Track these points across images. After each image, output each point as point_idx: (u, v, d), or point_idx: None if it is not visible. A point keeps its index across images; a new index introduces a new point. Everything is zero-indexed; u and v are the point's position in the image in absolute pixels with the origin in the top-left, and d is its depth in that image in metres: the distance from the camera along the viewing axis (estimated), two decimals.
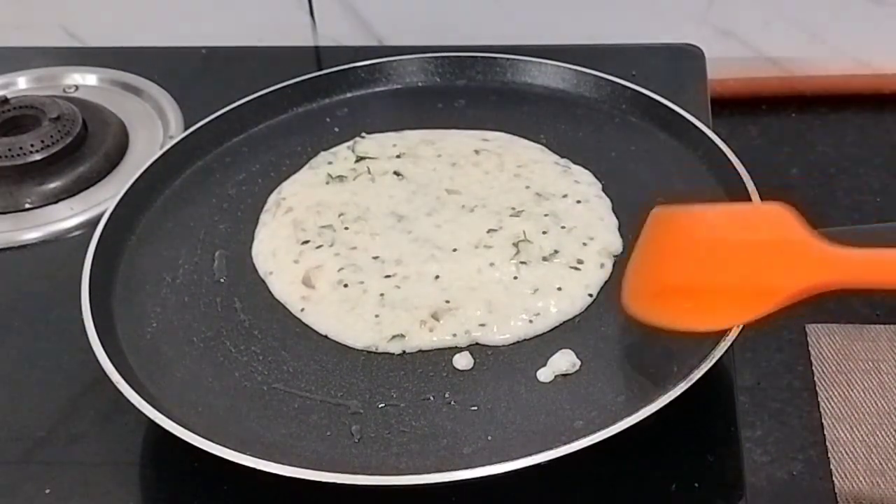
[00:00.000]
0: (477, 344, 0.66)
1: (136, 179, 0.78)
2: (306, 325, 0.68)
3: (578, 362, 0.64)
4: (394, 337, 0.66)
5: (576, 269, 0.69)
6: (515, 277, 0.69)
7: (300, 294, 0.70)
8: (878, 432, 0.67)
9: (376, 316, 0.67)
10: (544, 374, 0.63)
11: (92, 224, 0.76)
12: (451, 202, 0.76)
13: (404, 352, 0.66)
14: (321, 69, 0.91)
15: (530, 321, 0.66)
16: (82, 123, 0.88)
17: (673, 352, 0.63)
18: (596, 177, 0.78)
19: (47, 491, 0.62)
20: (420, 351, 0.66)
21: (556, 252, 0.70)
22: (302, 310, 0.69)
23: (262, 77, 0.89)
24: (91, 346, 0.63)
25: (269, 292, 0.71)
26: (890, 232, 0.64)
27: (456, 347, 0.66)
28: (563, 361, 0.64)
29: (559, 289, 0.68)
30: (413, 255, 0.71)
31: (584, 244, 0.71)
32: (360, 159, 0.81)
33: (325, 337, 0.67)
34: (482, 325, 0.66)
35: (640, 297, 0.61)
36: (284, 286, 0.71)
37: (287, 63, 0.96)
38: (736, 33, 0.98)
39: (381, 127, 0.85)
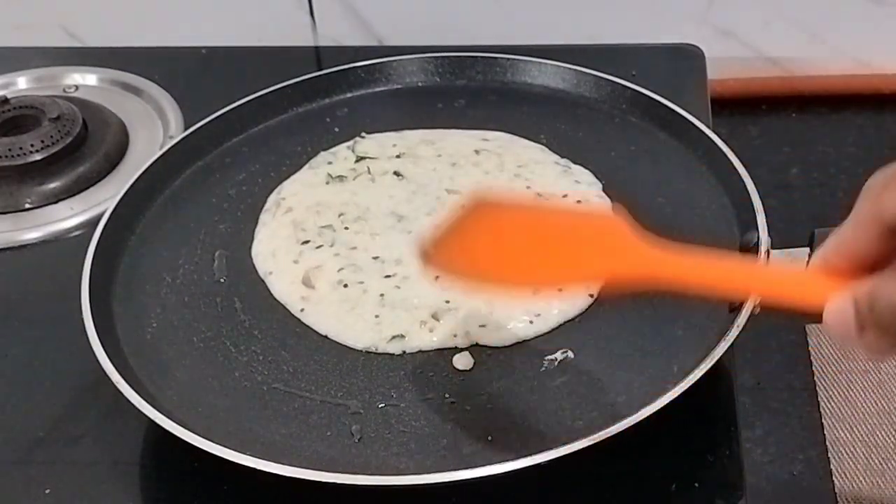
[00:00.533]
0: (477, 344, 0.66)
1: (136, 179, 0.78)
2: (306, 326, 0.68)
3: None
4: (394, 337, 0.66)
5: None
6: None
7: (300, 294, 0.70)
8: (878, 432, 0.67)
9: (376, 316, 0.67)
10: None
11: (92, 224, 0.76)
12: (452, 202, 0.76)
13: (404, 352, 0.66)
14: (321, 69, 0.91)
15: (531, 322, 0.66)
16: (82, 123, 0.88)
17: (673, 352, 0.64)
18: (596, 177, 0.78)
19: (47, 491, 0.62)
20: (420, 351, 0.66)
21: None
22: (302, 310, 0.69)
23: (262, 77, 0.89)
24: (91, 346, 0.63)
25: (269, 292, 0.71)
26: None
27: (456, 348, 0.66)
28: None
29: (559, 289, 0.68)
30: (413, 255, 0.71)
31: None
32: (360, 159, 0.81)
33: (325, 337, 0.67)
34: (482, 325, 0.66)
35: (446, 255, 0.59)
36: (284, 286, 0.71)
37: (287, 63, 0.96)
38: (736, 33, 0.98)
39: (381, 127, 0.85)
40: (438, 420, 0.62)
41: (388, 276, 0.70)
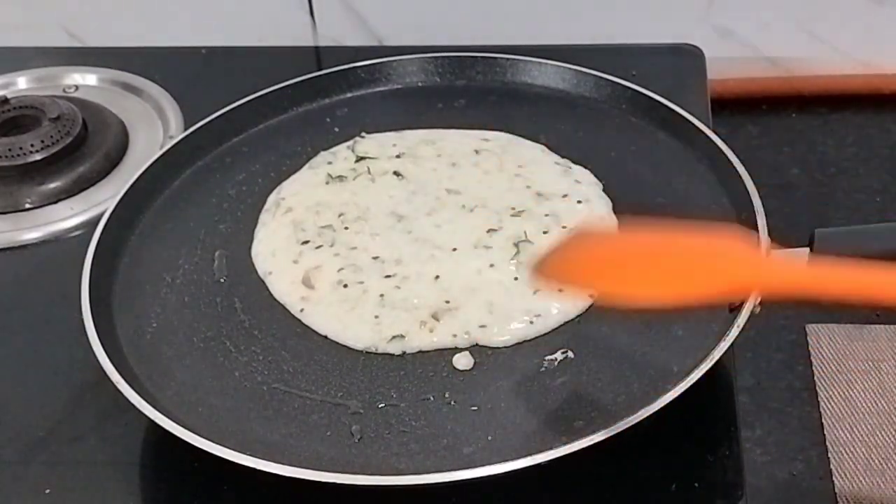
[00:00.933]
0: (477, 345, 0.66)
1: (136, 179, 0.78)
2: (306, 326, 0.68)
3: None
4: (394, 338, 0.66)
5: None
6: (516, 278, 0.69)
7: (300, 294, 0.70)
8: (878, 432, 0.67)
9: (376, 317, 0.67)
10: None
11: (92, 224, 0.76)
12: (451, 202, 0.76)
13: (404, 352, 0.66)
14: (321, 69, 0.91)
15: (531, 322, 0.66)
16: (82, 123, 0.88)
17: (673, 352, 0.64)
18: (596, 177, 0.78)
19: (47, 491, 0.62)
20: (420, 352, 0.66)
21: None
22: (301, 310, 0.69)
23: (262, 77, 0.89)
24: (91, 346, 0.63)
25: (269, 292, 0.71)
26: (889, 231, 0.64)
27: (456, 348, 0.66)
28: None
29: (560, 290, 0.68)
30: (413, 256, 0.71)
31: None
32: (360, 159, 0.81)
33: (325, 337, 0.67)
34: (482, 326, 0.66)
35: (561, 266, 0.59)
36: (284, 286, 0.71)
37: (287, 63, 0.96)
38: (736, 33, 0.98)
39: (381, 127, 0.85)
40: (438, 420, 0.62)
41: (388, 276, 0.70)
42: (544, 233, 0.72)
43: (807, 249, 0.63)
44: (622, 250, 0.58)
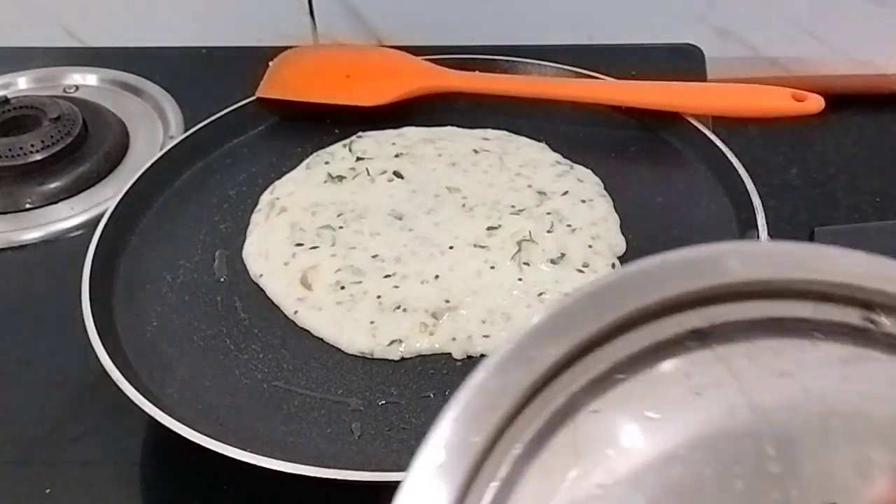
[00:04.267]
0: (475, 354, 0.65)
1: (137, 179, 0.78)
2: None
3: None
4: (392, 342, 0.66)
5: (580, 271, 0.69)
6: (520, 279, 0.68)
7: (295, 296, 0.69)
8: None
9: (371, 322, 0.66)
10: None
11: (92, 224, 0.76)
12: (451, 201, 0.76)
13: (403, 358, 0.65)
14: None
15: None
16: (82, 123, 0.89)
17: None
18: (596, 176, 0.78)
19: (47, 491, 0.62)
20: (420, 356, 0.65)
21: (561, 255, 0.70)
22: (296, 312, 0.68)
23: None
24: (91, 346, 0.63)
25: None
26: (889, 231, 0.65)
27: (452, 355, 0.65)
28: None
29: (564, 293, 0.67)
30: (412, 255, 0.71)
31: (589, 245, 0.70)
32: (358, 159, 0.81)
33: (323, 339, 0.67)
34: (484, 332, 0.65)
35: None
36: (280, 288, 0.70)
37: None
38: (736, 33, 0.98)
39: (381, 126, 0.85)
40: None
41: (387, 276, 0.69)
42: (548, 232, 0.71)
43: None
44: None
